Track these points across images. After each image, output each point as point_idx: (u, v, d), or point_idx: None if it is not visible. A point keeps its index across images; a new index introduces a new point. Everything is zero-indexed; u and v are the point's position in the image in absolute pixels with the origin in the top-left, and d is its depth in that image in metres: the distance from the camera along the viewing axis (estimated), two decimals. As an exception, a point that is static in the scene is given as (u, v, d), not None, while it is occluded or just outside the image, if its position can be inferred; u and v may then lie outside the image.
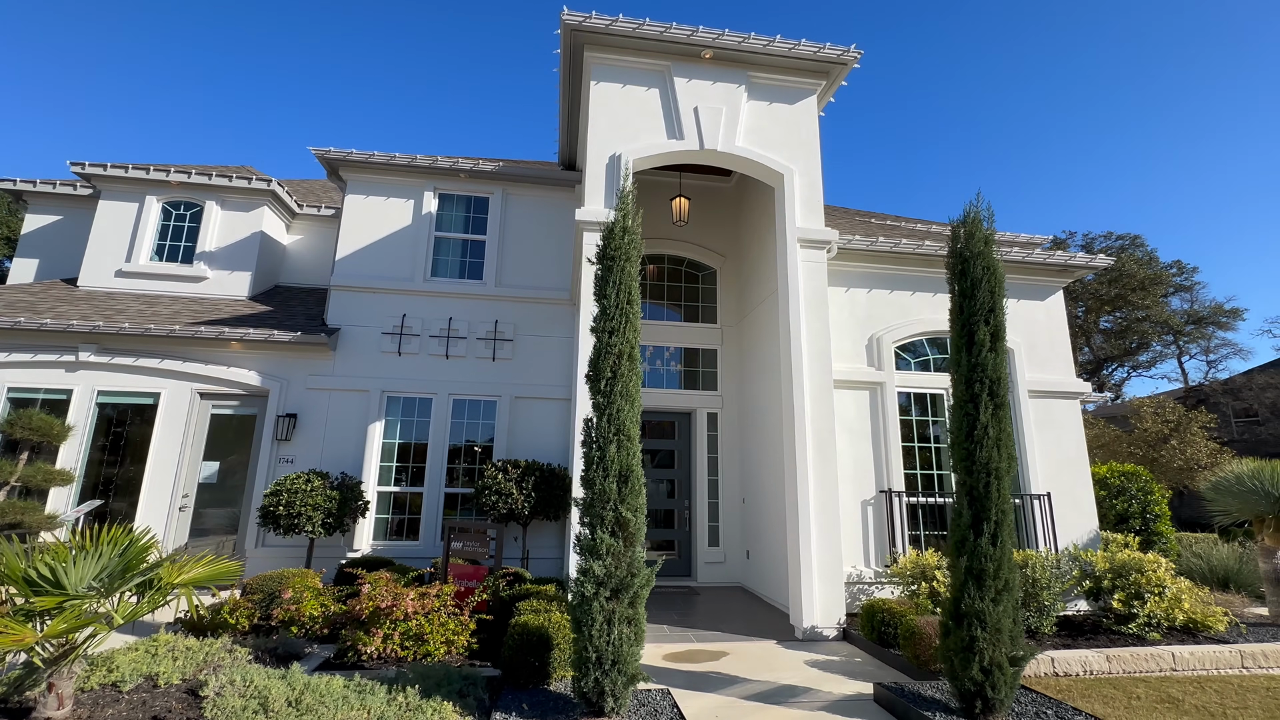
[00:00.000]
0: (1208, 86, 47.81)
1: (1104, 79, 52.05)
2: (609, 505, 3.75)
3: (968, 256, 4.48)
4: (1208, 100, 47.97)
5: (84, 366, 8.10)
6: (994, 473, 4.03)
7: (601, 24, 6.68)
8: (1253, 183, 45.61)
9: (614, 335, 4.07)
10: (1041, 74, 51.91)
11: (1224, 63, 46.64)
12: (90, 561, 3.51)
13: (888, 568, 6.88)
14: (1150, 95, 50.88)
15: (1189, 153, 48.17)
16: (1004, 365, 4.23)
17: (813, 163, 7.14)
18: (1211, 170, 47.69)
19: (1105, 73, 51.41)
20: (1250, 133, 47.41)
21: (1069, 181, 57.35)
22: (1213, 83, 47.29)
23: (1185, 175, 47.80)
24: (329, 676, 4.17)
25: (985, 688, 3.78)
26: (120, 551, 3.74)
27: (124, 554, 3.72)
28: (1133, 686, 4.92)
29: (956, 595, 3.96)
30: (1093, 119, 53.86)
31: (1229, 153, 47.96)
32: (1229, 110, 47.70)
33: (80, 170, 9.48)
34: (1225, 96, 46.92)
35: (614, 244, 4.22)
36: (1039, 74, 51.81)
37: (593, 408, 3.98)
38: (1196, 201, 46.61)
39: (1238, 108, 47.62)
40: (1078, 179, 53.22)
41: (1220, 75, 47.01)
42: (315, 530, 7.12)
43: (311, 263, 10.89)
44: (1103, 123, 53.49)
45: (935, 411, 7.61)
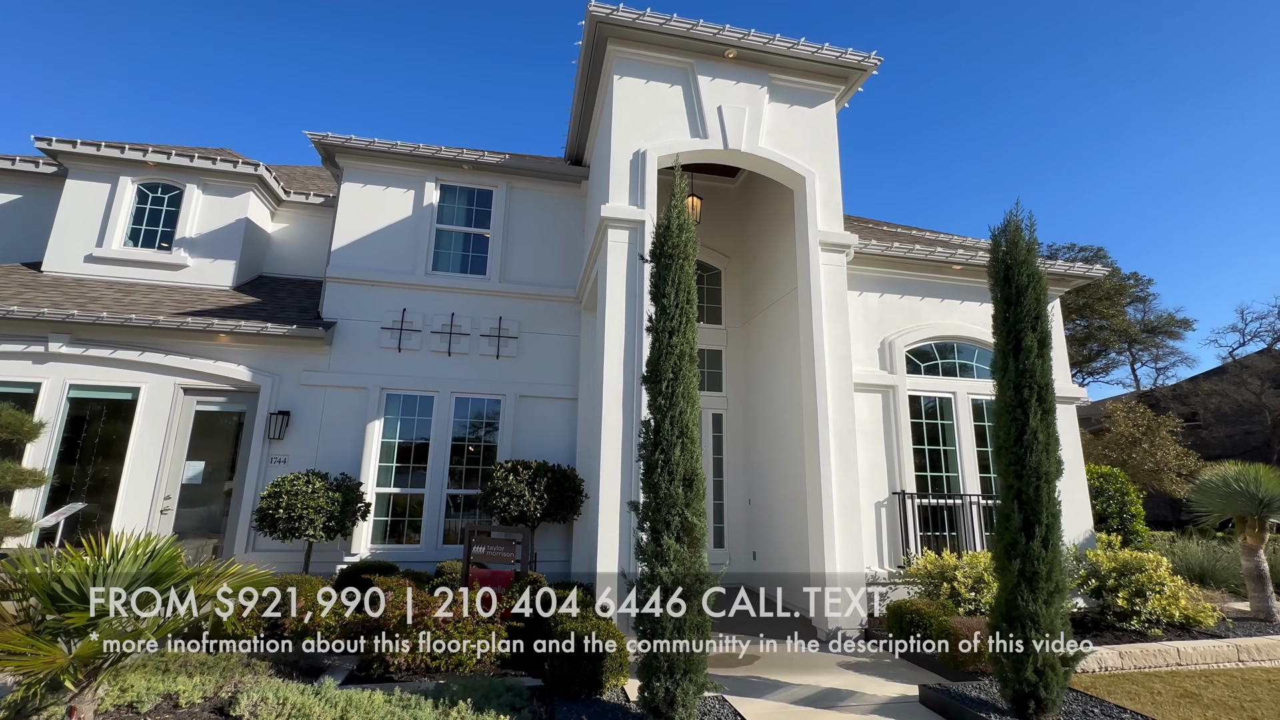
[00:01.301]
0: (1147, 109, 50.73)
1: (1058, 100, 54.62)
2: (675, 510, 3.65)
3: (1011, 264, 4.57)
4: (1149, 122, 50.91)
5: (54, 358, 7.50)
6: (1044, 477, 4.11)
7: (628, 17, 6.56)
8: (1188, 200, 48.63)
9: (674, 335, 3.97)
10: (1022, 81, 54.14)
11: (1164, 88, 49.53)
12: (118, 573, 3.21)
13: (901, 568, 6.99)
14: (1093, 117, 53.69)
15: (1145, 169, 51.00)
16: (1050, 371, 4.32)
17: (832, 166, 7.19)
18: (1153, 187, 50.61)
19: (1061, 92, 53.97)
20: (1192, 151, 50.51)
21: (1032, 190, 59.85)
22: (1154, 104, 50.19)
23: (1135, 192, 50.55)
24: (367, 690, 3.95)
25: (1039, 688, 3.85)
26: (146, 560, 3.44)
27: (152, 563, 3.43)
28: (1148, 682, 5.11)
29: (1009, 598, 4.01)
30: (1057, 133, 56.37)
31: (1175, 170, 51.01)
32: (1173, 129, 50.71)
33: (46, 146, 8.79)
34: (1167, 117, 49.89)
35: (671, 242, 4.11)
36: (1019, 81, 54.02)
37: (653, 410, 3.88)
38: (1143, 217, 49.34)
39: (1177, 130, 50.67)
40: (1039, 188, 55.62)
41: (1158, 99, 49.92)
42: (316, 534, 6.77)
43: (298, 253, 10.39)
44: (1066, 136, 56.01)
45: (944, 415, 7.77)
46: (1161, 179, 51.32)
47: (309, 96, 57.11)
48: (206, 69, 51.85)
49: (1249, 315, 21.18)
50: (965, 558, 6.19)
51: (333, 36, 52.07)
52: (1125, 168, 52.52)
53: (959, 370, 7.98)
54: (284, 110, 57.46)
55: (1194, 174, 49.88)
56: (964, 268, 8.06)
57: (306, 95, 57.29)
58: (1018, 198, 5.62)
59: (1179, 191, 49.94)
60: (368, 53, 57.36)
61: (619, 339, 6.23)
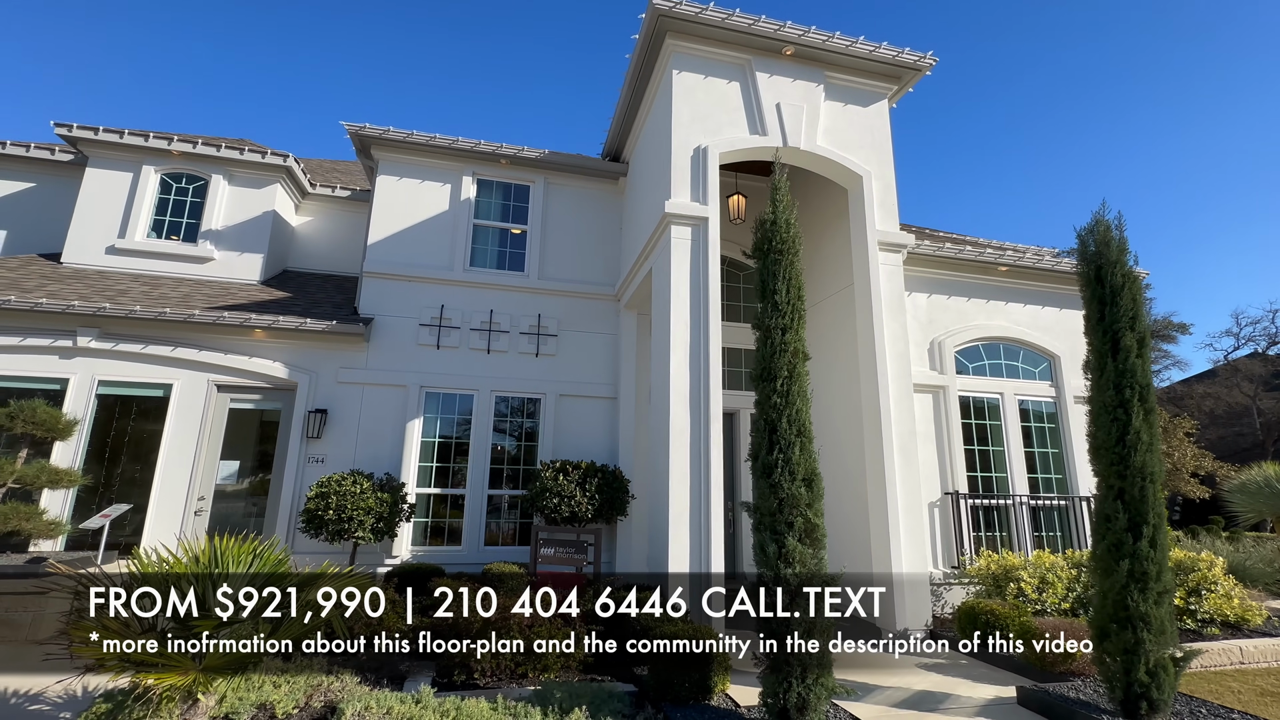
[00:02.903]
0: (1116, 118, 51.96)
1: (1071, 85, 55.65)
2: (798, 510, 3.58)
3: (1102, 264, 4.57)
4: (1132, 123, 52.14)
5: (83, 353, 7.20)
6: (1149, 477, 4.10)
7: (692, 11, 6.48)
8: (1183, 204, 49.87)
9: (787, 332, 3.92)
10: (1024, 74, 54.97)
11: (1139, 92, 50.78)
12: (234, 576, 3.04)
13: (955, 568, 6.99)
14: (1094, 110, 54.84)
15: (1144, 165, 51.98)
16: (1150, 371, 4.32)
17: (887, 166, 7.18)
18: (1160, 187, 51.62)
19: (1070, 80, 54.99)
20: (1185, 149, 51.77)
21: (1016, 195, 60.87)
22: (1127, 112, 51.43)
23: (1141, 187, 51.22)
24: (468, 698, 3.82)
25: (1150, 689, 3.84)
26: (251, 562, 3.27)
27: (258, 564, 3.26)
28: (1223, 680, 5.15)
29: (1117, 598, 4.00)
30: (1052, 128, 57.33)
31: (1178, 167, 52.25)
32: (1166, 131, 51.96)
33: (66, 133, 8.45)
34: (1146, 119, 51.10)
35: (780, 237, 4.06)
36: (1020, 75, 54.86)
37: (768, 408, 3.82)
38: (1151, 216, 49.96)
39: (1160, 136, 51.94)
40: (1024, 192, 56.67)
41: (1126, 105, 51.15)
42: (365, 535, 6.58)
43: (324, 247, 10.13)
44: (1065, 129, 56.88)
45: (991, 416, 7.80)
46: (1156, 174, 52.40)
47: (311, 86, 55.81)
48: (217, 62, 50.44)
49: (1243, 320, 21.76)
50: (1032, 557, 6.21)
51: (337, 28, 51.06)
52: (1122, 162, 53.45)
53: (1005, 371, 8.02)
54: (290, 102, 56.13)
55: (1185, 169, 51.14)
56: (1010, 269, 8.11)
57: (310, 85, 55.96)
58: (1103, 198, 5.62)
59: (1168, 187, 51.10)
60: (366, 48, 56.47)
61: (684, 337, 6.14)
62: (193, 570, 3.01)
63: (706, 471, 5.80)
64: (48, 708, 3.80)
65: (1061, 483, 7.89)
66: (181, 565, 3.04)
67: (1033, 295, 8.41)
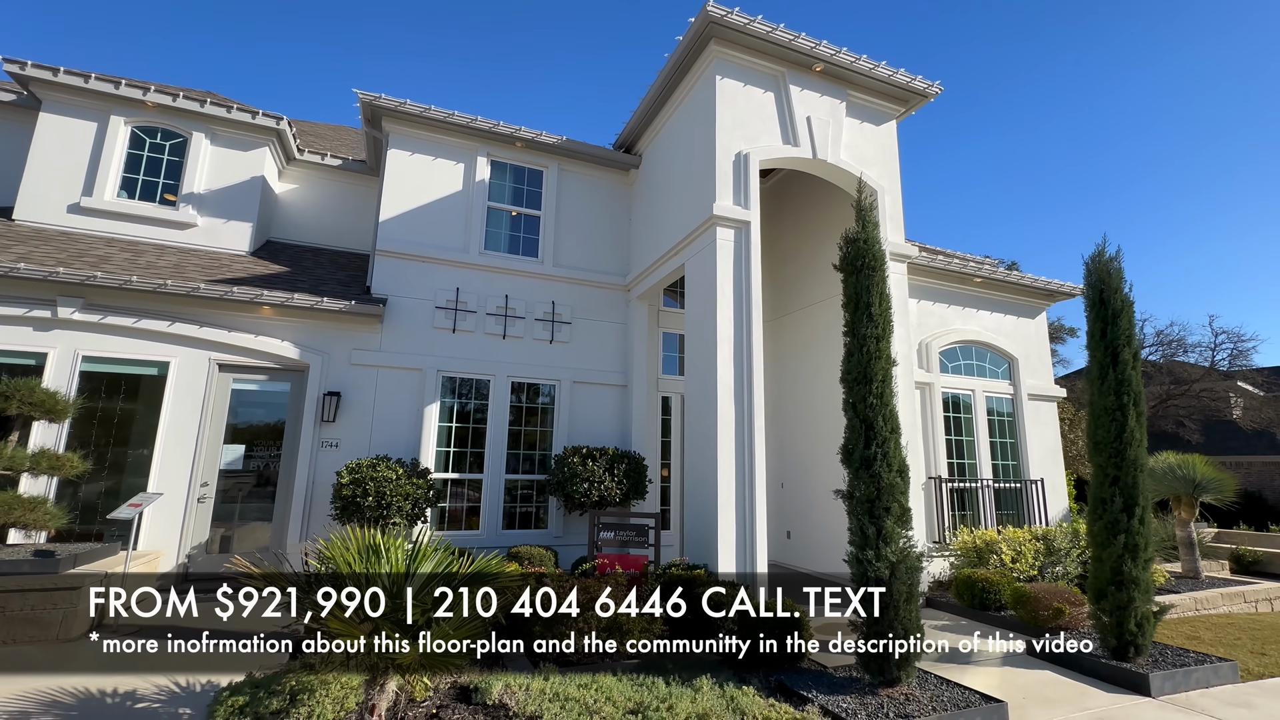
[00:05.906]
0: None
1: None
2: (895, 496, 4.13)
3: (1105, 290, 5.44)
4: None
5: (63, 325, 6.50)
6: (1140, 468, 5.03)
7: (741, 21, 6.77)
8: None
9: (881, 341, 4.42)
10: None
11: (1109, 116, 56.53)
12: (416, 572, 3.14)
13: (936, 543, 7.98)
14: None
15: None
16: (1141, 380, 5.25)
17: (896, 181, 7.89)
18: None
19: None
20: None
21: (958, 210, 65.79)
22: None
23: None
24: (583, 674, 4.09)
25: (1138, 637, 4.79)
26: (412, 557, 3.36)
27: (418, 560, 3.35)
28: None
29: (1114, 565, 4.91)
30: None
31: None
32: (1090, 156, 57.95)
33: (19, 71, 7.40)
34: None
35: (872, 252, 4.54)
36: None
37: (865, 408, 4.30)
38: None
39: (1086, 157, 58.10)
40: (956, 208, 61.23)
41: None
42: (401, 521, 6.52)
43: (309, 217, 9.56)
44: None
45: (964, 410, 8.85)
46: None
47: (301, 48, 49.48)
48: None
49: None
50: (1006, 532, 7.25)
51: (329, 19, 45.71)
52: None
53: (976, 370, 9.11)
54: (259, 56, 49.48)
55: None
56: (983, 281, 9.17)
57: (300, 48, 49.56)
58: (1104, 233, 6.54)
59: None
60: (360, 34, 51.18)
61: (729, 335, 6.55)
62: (383, 570, 3.07)
63: (751, 462, 6.29)
64: (157, 705, 3.68)
65: (1016, 469, 9.14)
66: (359, 563, 3.09)
67: (997, 304, 9.57)
